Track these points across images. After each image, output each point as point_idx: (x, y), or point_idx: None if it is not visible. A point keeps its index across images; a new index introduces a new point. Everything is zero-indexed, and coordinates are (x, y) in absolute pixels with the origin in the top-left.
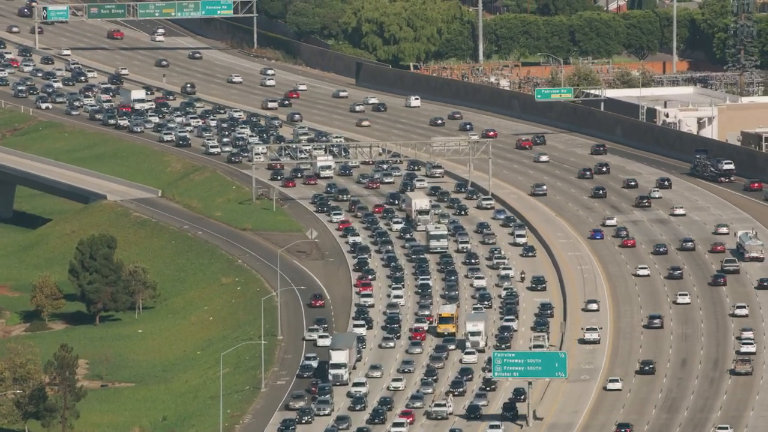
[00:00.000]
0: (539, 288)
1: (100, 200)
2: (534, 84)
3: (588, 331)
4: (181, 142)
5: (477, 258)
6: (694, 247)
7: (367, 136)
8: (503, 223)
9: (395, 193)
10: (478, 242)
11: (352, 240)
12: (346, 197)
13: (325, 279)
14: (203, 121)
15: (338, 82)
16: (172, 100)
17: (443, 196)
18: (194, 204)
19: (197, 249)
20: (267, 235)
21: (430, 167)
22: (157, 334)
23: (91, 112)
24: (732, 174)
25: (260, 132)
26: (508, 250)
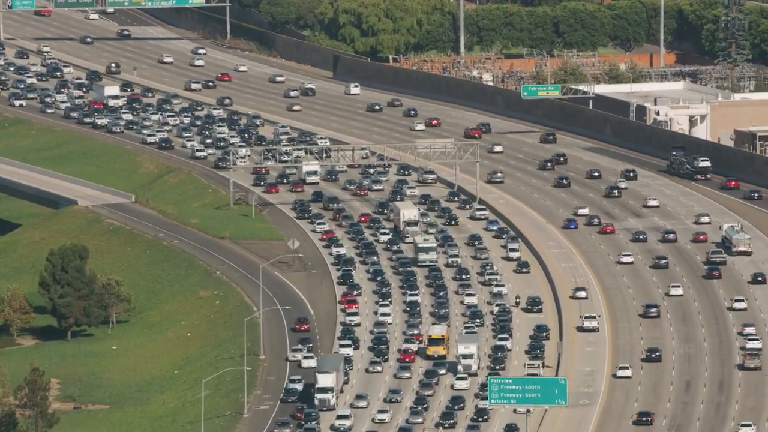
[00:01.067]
0: (535, 310)
1: (70, 205)
2: (518, 78)
3: (587, 319)
4: (163, 144)
5: (468, 273)
6: (676, 239)
7: (300, 121)
8: (496, 235)
9: (384, 201)
10: (470, 256)
11: (337, 251)
12: (335, 205)
13: (308, 292)
14: (178, 118)
15: (314, 74)
16: (149, 97)
17: (433, 204)
18: (169, 210)
19: (173, 259)
20: (246, 244)
21: (422, 172)
22: (132, 351)
23: (66, 110)
24: (708, 171)
25: (241, 132)
26: (501, 263)
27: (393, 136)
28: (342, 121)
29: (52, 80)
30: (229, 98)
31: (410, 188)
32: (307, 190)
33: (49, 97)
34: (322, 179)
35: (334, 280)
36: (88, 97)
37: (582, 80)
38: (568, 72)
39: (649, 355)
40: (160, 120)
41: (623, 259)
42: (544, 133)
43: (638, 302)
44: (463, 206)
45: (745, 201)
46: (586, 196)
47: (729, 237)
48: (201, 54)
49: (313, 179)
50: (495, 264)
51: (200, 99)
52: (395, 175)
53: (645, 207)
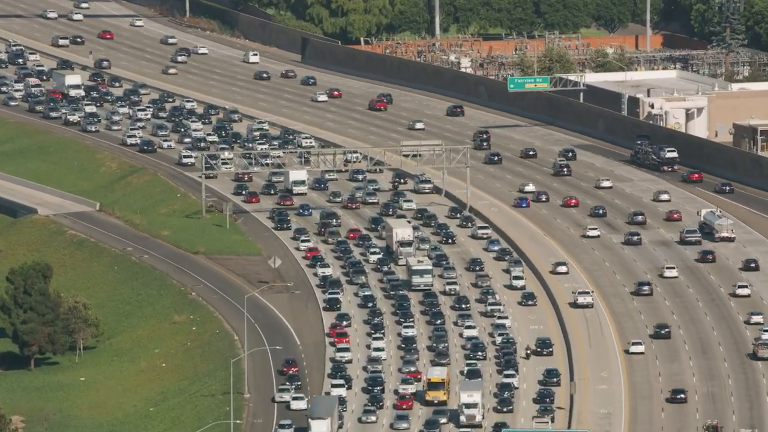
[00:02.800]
0: (545, 353)
1: (30, 215)
2: (499, 64)
3: (580, 295)
4: (145, 147)
5: (468, 303)
6: (644, 221)
7: (176, 85)
8: (497, 256)
9: (378, 217)
10: (469, 283)
11: (322, 272)
12: (334, 222)
13: (292, 317)
14: (149, 111)
15: (282, 58)
16: (117, 87)
17: (429, 220)
18: (137, 220)
19: (144, 277)
20: (222, 259)
21: (418, 181)
22: (102, 383)
23: (32, 103)
24: (675, 162)
25: (217, 129)
26: (502, 289)
27: (293, 107)
28: (222, 86)
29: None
30: (107, 60)
31: (407, 201)
32: (297, 201)
33: (6, 86)
34: (309, 187)
35: (319, 303)
36: (46, 86)
37: (569, 68)
38: (554, 59)
39: (673, 397)
40: (131, 115)
41: (589, 233)
42: (451, 105)
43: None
44: (464, 224)
45: (717, 194)
46: (532, 177)
47: (710, 222)
48: (83, 8)
49: (301, 189)
50: (497, 294)
51: (73, 58)
52: (389, 183)
53: (598, 188)
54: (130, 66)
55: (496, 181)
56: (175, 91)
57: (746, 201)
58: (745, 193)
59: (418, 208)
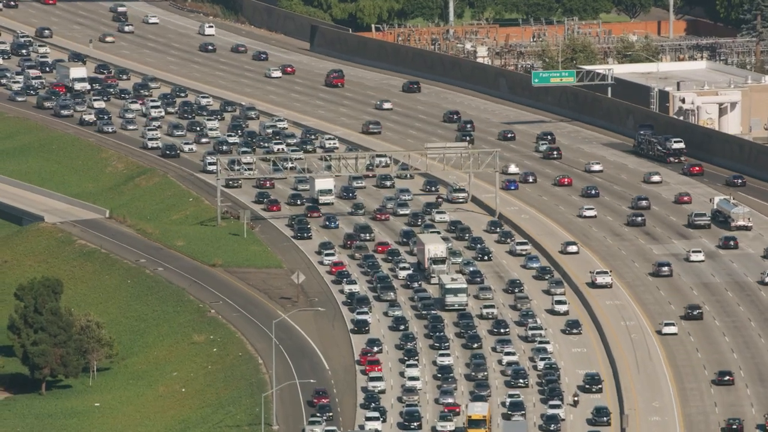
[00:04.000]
0: (594, 390)
1: (36, 222)
2: (518, 53)
3: (599, 275)
4: (168, 152)
5: (507, 327)
6: (649, 206)
7: (109, 53)
8: (537, 275)
9: (409, 231)
10: (508, 305)
11: (349, 289)
12: (368, 236)
13: (318, 338)
14: (162, 108)
15: (289, 46)
16: (125, 80)
17: (463, 233)
18: (150, 229)
19: (159, 292)
20: (240, 273)
21: (451, 190)
22: (118, 409)
23: (39, 99)
24: (682, 153)
25: (233, 128)
26: (543, 312)
27: (243, 83)
28: (157, 56)
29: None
30: (49, 30)
31: (440, 213)
32: (316, 212)
33: (6, 78)
34: (336, 195)
35: (347, 322)
36: (48, 79)
37: (593, 59)
38: (577, 49)
39: (689, 313)
40: (144, 112)
41: (585, 213)
42: (407, 81)
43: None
44: (503, 240)
45: (729, 187)
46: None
47: (725, 211)
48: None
49: (328, 199)
50: (538, 317)
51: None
52: (421, 192)
53: (587, 171)
54: (76, 36)
55: None
56: (111, 61)
57: (759, 194)
58: (758, 187)
59: (451, 220)
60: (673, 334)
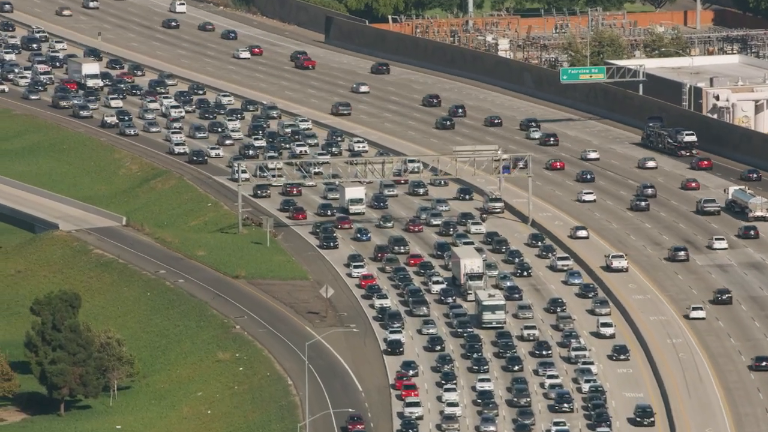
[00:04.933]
0: (645, 423)
1: (50, 230)
2: (541, 46)
3: (615, 259)
4: (195, 158)
5: (549, 349)
6: (655, 194)
7: (66, 27)
8: (580, 293)
9: (444, 243)
10: (549, 324)
11: (380, 304)
12: (402, 249)
13: (350, 357)
14: (182, 108)
15: (302, 37)
16: (139, 76)
17: (500, 245)
18: (169, 238)
19: (180, 305)
20: (265, 285)
21: (487, 200)
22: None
23: (54, 98)
24: (694, 147)
25: (255, 129)
26: (581, 323)
27: (206, 62)
28: (118, 32)
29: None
30: (9, 4)
31: (475, 223)
32: (347, 222)
33: (13, 72)
34: (368, 205)
35: (378, 340)
36: (58, 75)
37: (621, 53)
38: (605, 43)
39: (717, 297)
40: (163, 112)
41: (585, 197)
42: (376, 63)
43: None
44: (544, 254)
45: (743, 182)
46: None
47: (741, 201)
48: None
49: (359, 208)
50: (582, 338)
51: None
52: (454, 198)
53: (584, 159)
54: (37, 12)
55: None
56: (67, 37)
57: None
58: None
59: (487, 232)
60: (701, 318)
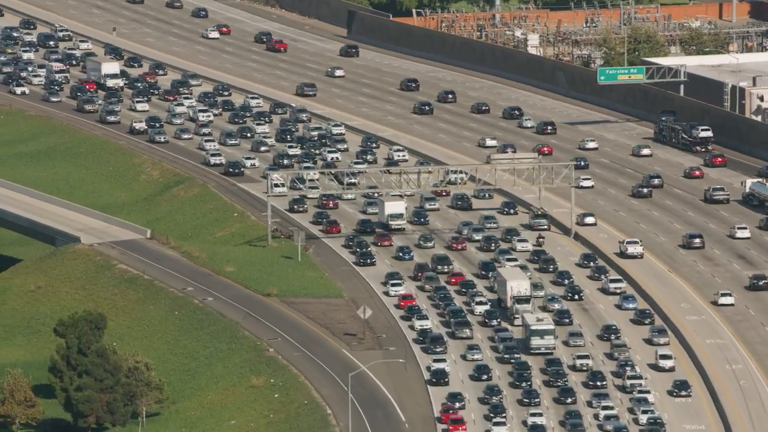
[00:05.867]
0: None
1: (71, 243)
2: (572, 42)
3: (629, 245)
4: (232, 170)
5: (604, 380)
6: (661, 184)
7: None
8: (636, 319)
9: (488, 262)
10: (603, 353)
11: (420, 325)
12: (446, 268)
13: (391, 384)
14: (210, 112)
15: (323, 32)
16: (161, 75)
17: (547, 264)
18: (196, 252)
19: (210, 325)
20: (298, 304)
21: (533, 215)
22: None
23: (79, 102)
24: (710, 142)
25: (282, 133)
26: (636, 348)
27: (171, 41)
28: (81, 7)
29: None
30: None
31: (521, 241)
32: (387, 239)
33: (26, 71)
34: (408, 221)
35: (420, 365)
36: (74, 73)
37: (657, 50)
38: (641, 40)
39: (754, 283)
40: (191, 116)
41: (583, 183)
42: (345, 45)
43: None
44: (596, 276)
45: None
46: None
47: (760, 194)
48: None
49: (399, 224)
50: (637, 366)
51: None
52: (502, 214)
53: (582, 149)
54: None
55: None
56: (79, 31)
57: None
58: None
59: (534, 249)
60: (730, 305)
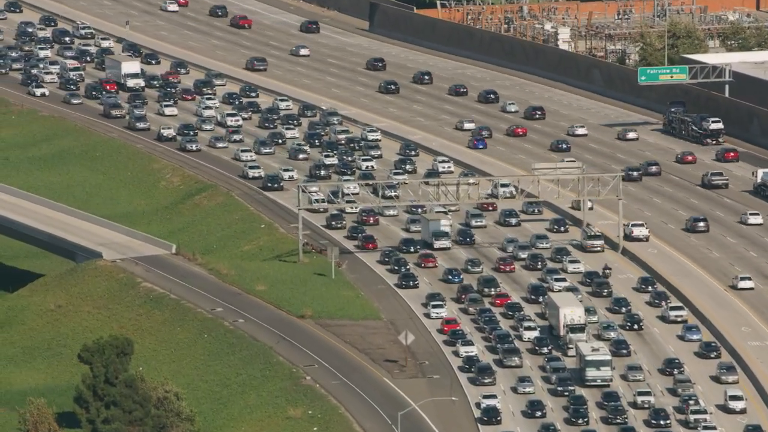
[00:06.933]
0: None
1: (93, 259)
2: (605, 36)
3: (635, 227)
4: (270, 184)
5: (668, 418)
6: (659, 171)
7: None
8: (701, 352)
9: (539, 286)
10: (664, 388)
11: (465, 352)
12: (493, 291)
13: (437, 417)
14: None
15: (344, 24)
16: (184, 74)
17: (601, 288)
18: (224, 269)
19: (242, 350)
20: (334, 326)
21: (584, 235)
22: None
23: (106, 107)
24: (721, 134)
25: (310, 137)
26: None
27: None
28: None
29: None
30: None
31: (573, 261)
32: (431, 260)
33: (37, 68)
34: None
35: (467, 394)
36: (89, 70)
37: (698, 47)
38: (680, 35)
39: None
40: (219, 120)
41: None
42: (305, 20)
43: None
44: (655, 302)
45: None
46: None
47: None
48: None
49: (444, 243)
50: (702, 400)
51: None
52: (552, 232)
53: (571, 135)
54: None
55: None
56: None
57: None
58: None
59: (586, 271)
60: (749, 288)
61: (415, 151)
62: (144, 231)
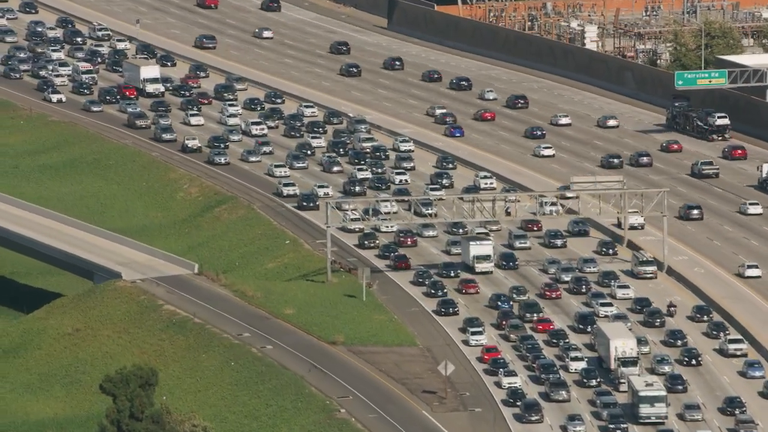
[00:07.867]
0: None
1: (112, 280)
2: (634, 35)
3: (631, 215)
4: (305, 203)
5: None
6: (651, 162)
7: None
8: (765, 391)
9: (587, 314)
10: (725, 429)
11: (508, 383)
12: (535, 316)
13: None
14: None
15: (361, 22)
16: (204, 77)
17: (653, 318)
18: (250, 291)
19: (272, 379)
20: (367, 354)
21: (636, 261)
22: None
23: (130, 117)
24: (727, 130)
25: (335, 146)
26: None
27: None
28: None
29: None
30: None
31: (622, 287)
32: (472, 286)
33: (46, 69)
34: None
35: (511, 429)
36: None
37: (734, 47)
38: (715, 35)
39: None
40: (243, 129)
41: (544, 153)
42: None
43: None
44: (713, 333)
45: None
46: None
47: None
48: None
49: (486, 267)
50: None
51: None
52: (599, 254)
53: (555, 125)
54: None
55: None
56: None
57: None
58: None
59: (636, 297)
60: (757, 276)
61: (452, 164)
62: (161, 245)
